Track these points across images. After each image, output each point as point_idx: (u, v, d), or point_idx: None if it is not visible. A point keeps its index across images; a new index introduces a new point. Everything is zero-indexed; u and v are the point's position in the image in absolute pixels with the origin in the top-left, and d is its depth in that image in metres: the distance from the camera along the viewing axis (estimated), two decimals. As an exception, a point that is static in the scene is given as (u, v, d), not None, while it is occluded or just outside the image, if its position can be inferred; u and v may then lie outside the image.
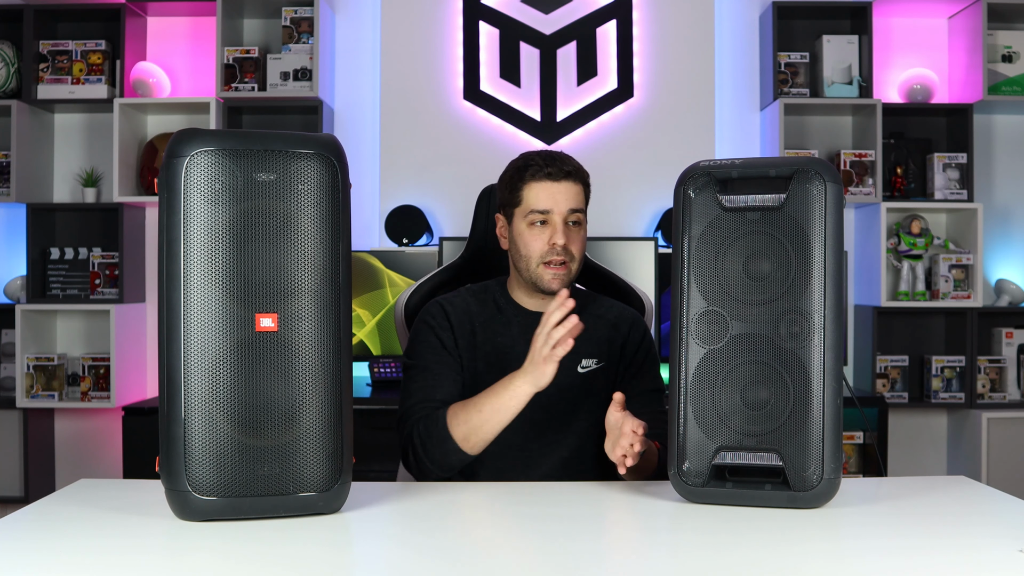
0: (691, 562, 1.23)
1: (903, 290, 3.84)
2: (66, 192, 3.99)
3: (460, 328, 1.86)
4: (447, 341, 1.85)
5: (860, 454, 3.66)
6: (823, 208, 1.43)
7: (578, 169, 1.83)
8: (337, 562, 1.25)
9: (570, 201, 1.80)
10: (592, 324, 1.90)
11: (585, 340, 1.88)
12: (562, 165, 1.80)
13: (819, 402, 1.42)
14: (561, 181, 1.79)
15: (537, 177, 1.80)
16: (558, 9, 3.96)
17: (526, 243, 1.82)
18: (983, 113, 3.99)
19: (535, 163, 1.81)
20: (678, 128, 3.94)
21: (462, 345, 1.86)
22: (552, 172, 1.79)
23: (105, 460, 3.94)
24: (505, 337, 1.87)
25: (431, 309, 1.89)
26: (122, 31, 3.78)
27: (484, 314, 1.89)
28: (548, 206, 1.79)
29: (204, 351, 1.35)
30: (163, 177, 1.36)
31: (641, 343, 1.92)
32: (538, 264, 1.81)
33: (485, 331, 1.87)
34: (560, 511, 1.50)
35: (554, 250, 1.79)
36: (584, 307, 1.92)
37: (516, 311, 1.89)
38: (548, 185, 1.79)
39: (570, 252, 1.80)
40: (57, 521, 1.40)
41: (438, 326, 1.86)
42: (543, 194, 1.79)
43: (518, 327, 1.88)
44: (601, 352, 1.90)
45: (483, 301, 1.91)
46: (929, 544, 1.29)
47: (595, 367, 1.89)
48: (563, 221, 1.79)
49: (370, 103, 4.00)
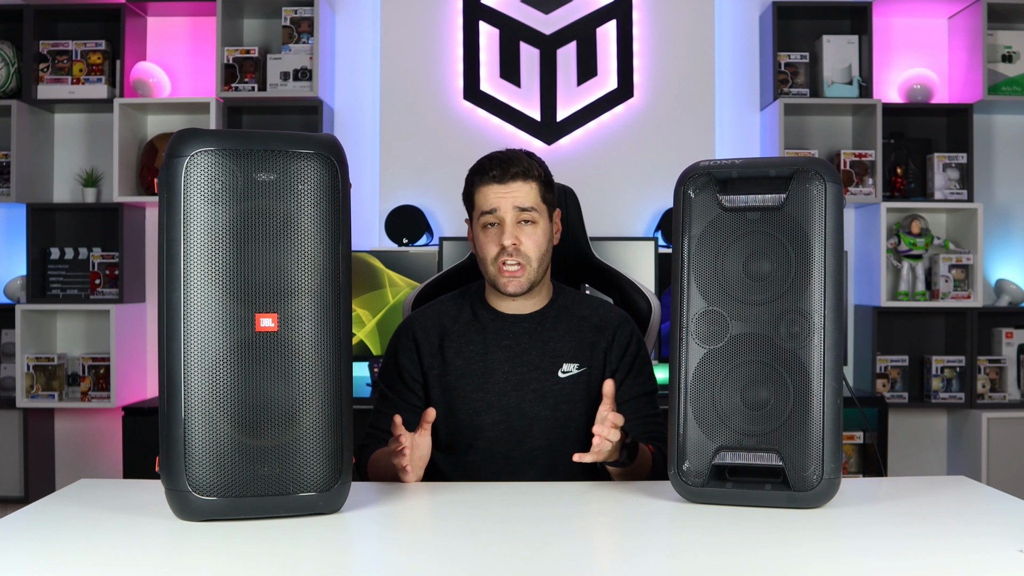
0: (691, 562, 1.23)
1: (903, 290, 3.84)
2: (66, 192, 3.99)
3: (427, 346, 1.88)
4: (408, 366, 1.89)
5: (860, 454, 3.66)
6: (823, 208, 1.43)
7: (528, 168, 1.83)
8: (337, 562, 1.25)
9: (518, 200, 1.81)
10: (574, 326, 1.89)
11: (567, 344, 1.87)
12: (509, 166, 1.81)
13: (819, 402, 1.42)
14: (508, 182, 1.81)
15: (484, 181, 1.83)
16: (558, 9, 3.96)
17: (481, 246, 1.84)
18: (983, 113, 3.99)
19: (483, 167, 1.85)
20: (678, 128, 3.94)
21: (427, 363, 1.88)
22: (496, 174, 1.81)
23: (105, 460, 3.94)
24: (478, 344, 1.88)
25: (400, 329, 1.93)
26: (122, 31, 3.78)
27: (459, 322, 1.90)
28: (495, 205, 1.81)
29: (204, 351, 1.35)
30: (163, 177, 1.36)
31: (628, 347, 1.89)
32: (493, 265, 1.82)
33: (455, 342, 1.88)
34: (560, 511, 1.51)
35: (504, 251, 1.80)
36: (566, 307, 1.91)
37: (491, 315, 1.89)
38: (495, 187, 1.81)
39: (523, 253, 1.80)
40: (57, 521, 1.40)
41: (402, 348, 1.90)
42: (491, 195, 1.82)
43: (493, 332, 1.88)
44: (583, 357, 1.87)
45: (460, 307, 1.92)
46: (929, 544, 1.29)
47: (576, 372, 1.87)
48: (513, 221, 1.80)
49: (370, 103, 4.00)
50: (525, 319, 1.88)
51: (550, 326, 1.88)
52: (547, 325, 1.88)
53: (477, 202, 1.84)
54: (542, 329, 1.88)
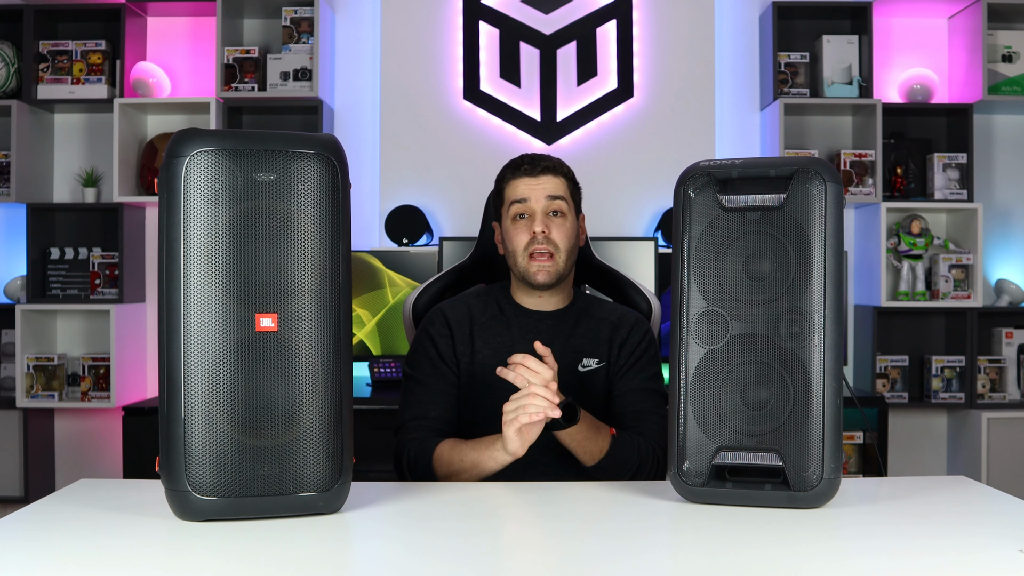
0: (691, 562, 1.23)
1: (903, 290, 3.84)
2: (66, 192, 3.99)
3: (459, 332, 1.92)
4: (444, 350, 1.91)
5: (860, 454, 3.66)
6: (823, 208, 1.43)
7: (558, 165, 1.92)
8: (337, 562, 1.25)
9: (548, 190, 1.88)
10: (595, 326, 1.95)
11: (588, 341, 1.94)
12: (540, 160, 1.91)
13: (819, 402, 1.42)
14: (539, 176, 1.89)
15: (516, 175, 1.91)
16: (558, 9, 3.96)
17: (511, 238, 1.89)
18: (983, 113, 3.99)
19: (514, 162, 1.93)
20: (678, 128, 3.94)
21: (460, 350, 1.92)
22: (528, 168, 1.89)
23: (105, 460, 3.94)
24: (504, 337, 1.92)
25: (432, 316, 1.96)
26: (122, 31, 3.78)
27: (485, 315, 1.95)
28: (526, 195, 1.88)
29: (204, 351, 1.35)
30: (163, 177, 1.36)
31: (639, 343, 1.95)
32: (524, 256, 1.87)
33: (484, 332, 1.93)
34: (560, 511, 1.51)
35: (535, 239, 1.85)
36: (586, 309, 1.97)
37: (516, 311, 1.95)
38: (526, 180, 1.89)
39: (553, 242, 1.86)
40: (57, 521, 1.40)
41: (437, 334, 1.92)
42: (521, 186, 1.89)
43: (518, 327, 1.93)
44: (602, 352, 1.94)
45: (486, 303, 1.97)
46: (929, 544, 1.29)
47: (595, 367, 1.93)
48: (544, 212, 1.87)
49: (370, 103, 4.00)
50: (549, 316, 1.94)
51: (572, 323, 1.95)
52: (569, 323, 1.95)
53: (507, 194, 1.91)
54: (564, 326, 1.94)
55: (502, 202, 1.93)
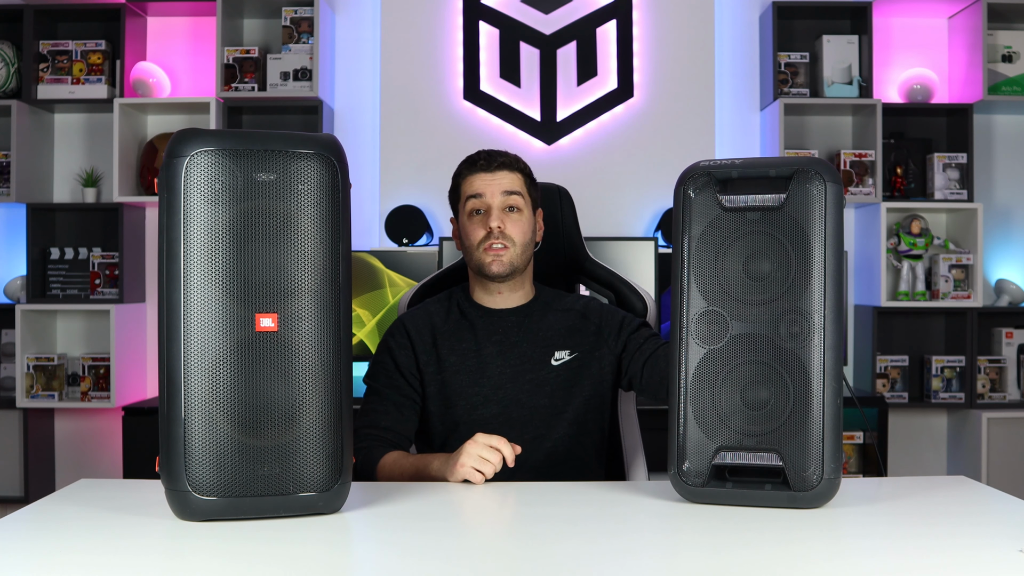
0: (691, 562, 1.23)
1: (903, 290, 3.84)
2: (66, 192, 3.99)
3: (420, 342, 1.91)
4: (403, 362, 1.90)
5: (860, 454, 3.66)
6: (823, 208, 1.43)
7: (514, 160, 1.93)
8: (337, 562, 1.25)
9: (504, 186, 1.89)
10: (560, 317, 1.95)
11: (556, 333, 1.93)
12: (496, 157, 1.92)
13: (819, 402, 1.42)
14: (495, 171, 1.90)
15: (472, 170, 1.92)
16: (558, 9, 3.96)
17: (467, 233, 1.90)
18: (983, 113, 3.99)
19: (470, 159, 1.94)
20: (678, 128, 3.94)
21: (424, 360, 1.91)
22: (484, 164, 1.91)
23: (105, 460, 3.94)
24: (469, 341, 1.91)
25: (393, 327, 1.96)
26: (122, 31, 3.78)
27: (448, 322, 1.94)
28: (481, 190, 1.88)
29: (204, 351, 1.35)
30: (163, 177, 1.36)
31: (623, 319, 1.95)
32: (478, 250, 1.88)
33: (448, 340, 1.91)
34: (559, 511, 1.51)
35: (491, 234, 1.86)
36: (549, 303, 1.97)
37: (479, 312, 1.94)
38: (482, 175, 1.90)
39: (508, 236, 1.86)
40: (57, 521, 1.40)
41: (396, 346, 1.92)
42: (476, 182, 1.90)
43: (482, 328, 1.92)
44: (574, 343, 1.93)
45: (447, 309, 1.96)
46: (929, 544, 1.29)
47: (568, 358, 1.91)
48: (500, 207, 1.87)
49: (370, 103, 4.00)
50: (512, 313, 1.93)
51: (537, 318, 1.94)
52: (534, 317, 1.94)
53: (463, 190, 1.92)
54: (529, 321, 1.93)
55: (458, 198, 1.93)
